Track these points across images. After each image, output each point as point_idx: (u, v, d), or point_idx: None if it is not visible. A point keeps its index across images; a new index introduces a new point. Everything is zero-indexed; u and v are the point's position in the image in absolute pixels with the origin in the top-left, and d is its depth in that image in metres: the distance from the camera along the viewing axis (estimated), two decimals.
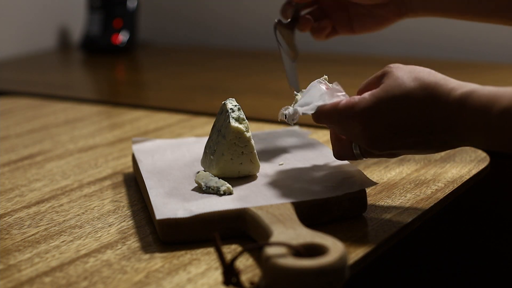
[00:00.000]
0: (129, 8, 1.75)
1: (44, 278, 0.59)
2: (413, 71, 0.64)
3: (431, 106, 0.62)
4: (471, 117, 0.60)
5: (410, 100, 0.62)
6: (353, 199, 0.67)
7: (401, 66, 0.65)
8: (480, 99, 0.60)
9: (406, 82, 0.63)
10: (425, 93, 0.62)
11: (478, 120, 0.60)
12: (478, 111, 0.60)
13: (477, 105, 0.60)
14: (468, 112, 0.60)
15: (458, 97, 0.61)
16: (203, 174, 0.71)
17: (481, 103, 0.60)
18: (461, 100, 0.61)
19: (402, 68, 0.64)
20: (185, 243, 0.64)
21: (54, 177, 0.84)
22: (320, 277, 0.52)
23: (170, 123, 1.07)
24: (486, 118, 0.59)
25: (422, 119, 0.62)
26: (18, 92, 1.36)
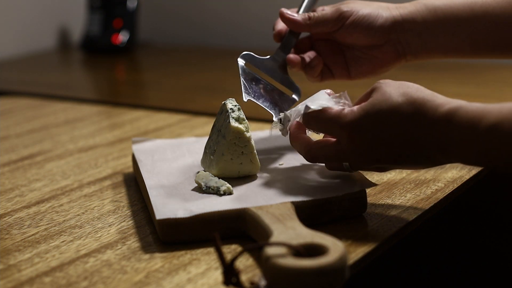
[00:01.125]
0: (129, 8, 1.75)
1: (44, 278, 0.59)
2: (401, 86, 0.63)
3: (417, 122, 0.62)
4: (458, 133, 0.60)
5: (396, 115, 0.62)
6: (353, 199, 0.67)
7: (390, 82, 0.65)
8: (467, 114, 0.60)
9: (393, 97, 0.63)
10: (411, 108, 0.62)
11: (465, 136, 0.60)
12: (465, 127, 0.59)
13: (464, 121, 0.59)
14: (455, 128, 0.60)
15: (445, 113, 0.61)
16: (203, 174, 0.71)
17: (468, 118, 0.59)
18: (448, 115, 0.60)
19: (391, 84, 0.64)
20: (185, 243, 0.64)
21: (54, 177, 0.84)
22: (320, 277, 0.52)
23: (170, 123, 1.07)
24: (473, 135, 0.59)
25: (408, 134, 0.62)
26: (18, 92, 1.35)
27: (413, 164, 0.65)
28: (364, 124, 0.63)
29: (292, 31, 0.83)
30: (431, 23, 0.79)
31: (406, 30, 0.79)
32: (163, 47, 1.84)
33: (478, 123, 0.59)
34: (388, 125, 0.63)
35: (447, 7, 0.79)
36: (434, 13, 0.79)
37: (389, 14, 0.79)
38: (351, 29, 0.79)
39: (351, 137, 0.64)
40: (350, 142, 0.64)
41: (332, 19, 0.79)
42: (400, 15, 0.79)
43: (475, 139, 0.59)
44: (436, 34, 0.79)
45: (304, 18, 0.80)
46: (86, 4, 1.80)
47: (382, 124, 0.63)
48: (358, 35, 0.79)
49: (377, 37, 0.79)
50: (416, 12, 0.79)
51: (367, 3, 0.80)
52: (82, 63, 1.76)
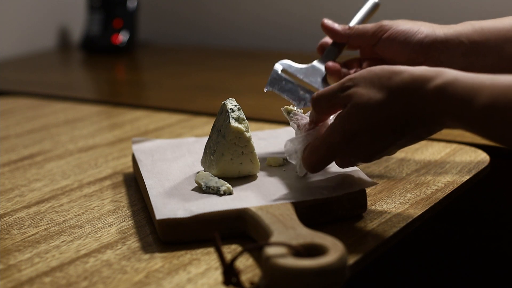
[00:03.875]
0: (129, 8, 1.75)
1: (44, 278, 0.59)
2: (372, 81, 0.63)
3: (407, 106, 0.61)
4: (452, 109, 0.59)
5: (381, 105, 0.62)
6: (353, 199, 0.67)
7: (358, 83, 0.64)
8: (458, 91, 0.58)
9: (372, 96, 0.62)
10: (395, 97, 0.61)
11: (459, 113, 0.58)
12: (458, 105, 0.58)
13: (457, 98, 0.58)
14: (447, 106, 0.59)
15: (435, 89, 0.59)
16: (203, 174, 0.71)
17: (460, 96, 0.58)
18: (439, 93, 0.59)
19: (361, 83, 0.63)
20: (185, 243, 0.64)
21: (54, 177, 0.84)
22: (320, 277, 0.52)
23: (170, 123, 1.07)
24: (467, 112, 0.58)
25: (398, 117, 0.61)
26: (18, 92, 1.35)
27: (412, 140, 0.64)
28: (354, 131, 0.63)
29: (334, 43, 0.84)
30: (477, 42, 0.77)
31: (449, 49, 0.78)
32: (163, 47, 1.84)
33: (471, 100, 0.57)
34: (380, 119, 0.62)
35: (494, 26, 0.78)
36: (480, 32, 0.77)
37: (431, 31, 0.78)
38: (388, 42, 0.79)
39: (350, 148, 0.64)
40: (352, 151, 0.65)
41: (371, 31, 0.80)
42: (443, 34, 0.78)
43: (470, 117, 0.58)
44: (483, 54, 0.77)
45: (344, 28, 0.82)
46: (86, 4, 1.80)
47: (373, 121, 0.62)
48: (396, 49, 0.79)
49: (415, 53, 0.78)
50: (462, 31, 0.78)
51: (412, 21, 0.80)
52: (82, 63, 1.76)
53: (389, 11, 1.17)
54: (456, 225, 1.04)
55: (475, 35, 0.78)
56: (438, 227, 1.05)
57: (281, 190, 0.68)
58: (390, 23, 0.80)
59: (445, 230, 1.05)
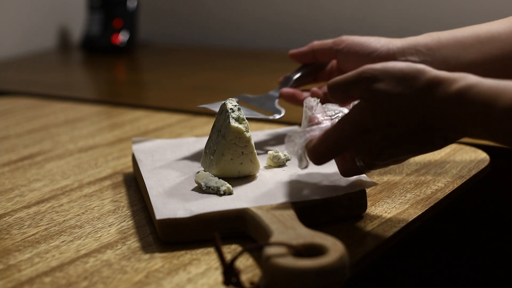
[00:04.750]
0: (129, 8, 1.75)
1: (44, 278, 0.59)
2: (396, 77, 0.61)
3: (427, 106, 0.59)
4: (473, 114, 0.57)
5: (402, 103, 0.60)
6: (353, 199, 0.67)
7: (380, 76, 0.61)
8: (480, 94, 0.57)
9: (395, 93, 0.60)
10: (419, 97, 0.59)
11: (481, 117, 0.57)
12: (480, 108, 0.57)
13: (479, 101, 0.57)
14: (468, 109, 0.57)
15: (456, 92, 0.58)
16: (203, 174, 0.71)
17: (482, 99, 0.57)
18: (460, 95, 0.58)
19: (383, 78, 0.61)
20: (185, 243, 0.64)
21: (54, 177, 0.84)
22: (320, 277, 0.52)
23: (170, 123, 1.07)
24: (489, 116, 0.57)
25: (416, 118, 0.60)
26: (18, 92, 1.35)
27: (428, 147, 0.63)
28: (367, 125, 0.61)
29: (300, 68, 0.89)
30: (433, 50, 0.79)
31: (406, 57, 0.79)
32: (163, 47, 1.84)
33: (494, 103, 0.56)
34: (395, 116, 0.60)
35: (452, 35, 0.80)
36: (437, 40, 0.79)
37: (388, 42, 0.81)
38: (345, 53, 0.83)
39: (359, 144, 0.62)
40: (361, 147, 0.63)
41: (330, 44, 0.85)
42: (400, 43, 0.81)
43: (491, 121, 0.57)
44: (440, 61, 0.78)
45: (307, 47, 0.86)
46: (86, 4, 1.80)
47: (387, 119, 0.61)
48: (352, 59, 0.82)
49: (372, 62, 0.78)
50: (419, 40, 0.80)
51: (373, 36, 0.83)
52: (82, 63, 1.76)
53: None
54: (456, 225, 1.04)
55: (432, 43, 0.80)
56: (438, 227, 1.05)
57: (281, 190, 0.68)
58: (347, 36, 0.84)
59: (445, 230, 1.05)
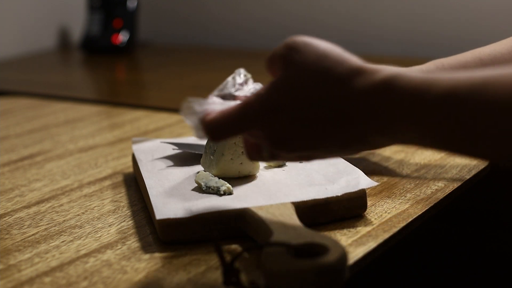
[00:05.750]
0: (129, 8, 1.75)
1: (44, 278, 0.59)
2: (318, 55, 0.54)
3: (345, 94, 0.52)
4: (400, 104, 0.50)
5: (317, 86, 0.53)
6: (353, 199, 0.67)
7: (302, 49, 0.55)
8: (410, 83, 0.50)
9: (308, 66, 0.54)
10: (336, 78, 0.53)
11: (409, 107, 0.50)
12: (409, 98, 0.50)
13: (407, 90, 0.50)
14: (394, 99, 0.51)
15: (381, 81, 0.51)
16: (203, 174, 0.71)
17: (412, 87, 0.50)
18: (385, 84, 0.51)
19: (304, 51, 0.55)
20: (185, 243, 0.64)
21: (54, 177, 0.84)
22: (320, 276, 0.52)
23: (170, 123, 1.07)
24: (420, 105, 0.50)
25: (334, 110, 0.53)
26: (18, 92, 1.35)
27: (342, 148, 0.55)
28: (276, 104, 0.54)
29: None
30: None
31: None
32: (163, 47, 1.84)
33: (426, 93, 0.49)
34: (307, 101, 0.53)
35: (455, 60, 0.75)
36: (441, 67, 0.75)
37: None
38: None
39: (265, 125, 0.55)
40: (266, 128, 0.55)
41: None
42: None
43: (422, 111, 0.49)
44: None
45: None
46: (86, 4, 1.80)
47: (300, 100, 0.54)
48: None
49: None
50: (423, 68, 0.75)
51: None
52: (82, 63, 1.76)
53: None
54: (456, 225, 1.04)
55: (436, 71, 0.74)
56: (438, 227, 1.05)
57: (281, 190, 0.68)
58: None
59: (445, 230, 1.05)
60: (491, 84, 0.47)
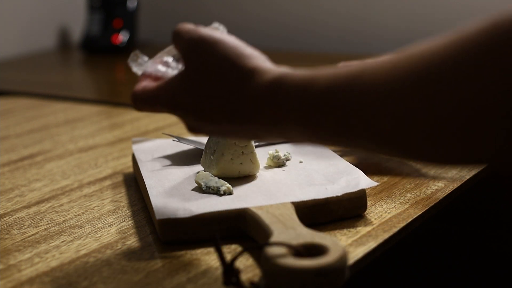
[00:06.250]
0: (129, 8, 1.75)
1: (44, 278, 0.59)
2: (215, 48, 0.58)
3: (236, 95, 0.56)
4: (286, 103, 0.52)
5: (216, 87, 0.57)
6: (353, 199, 0.67)
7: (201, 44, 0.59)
8: (295, 82, 0.52)
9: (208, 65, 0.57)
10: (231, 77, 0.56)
11: (295, 105, 0.52)
12: (294, 95, 0.52)
13: (293, 88, 0.52)
14: (282, 99, 0.53)
15: (270, 83, 0.54)
16: (203, 174, 0.71)
17: (296, 85, 0.52)
18: (274, 85, 0.53)
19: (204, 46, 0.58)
20: (185, 243, 0.64)
21: (54, 177, 0.84)
22: (320, 277, 0.52)
23: (170, 123, 1.07)
24: (303, 101, 0.51)
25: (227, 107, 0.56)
26: (18, 92, 1.35)
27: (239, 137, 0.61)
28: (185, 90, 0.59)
29: None
30: None
31: None
32: (163, 47, 1.83)
33: (309, 88, 0.51)
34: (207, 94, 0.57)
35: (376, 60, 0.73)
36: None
37: None
38: None
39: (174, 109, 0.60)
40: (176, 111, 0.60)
41: None
42: None
43: (306, 107, 0.51)
44: None
45: None
46: (86, 4, 1.80)
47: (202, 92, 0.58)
48: None
49: None
50: None
51: None
52: (82, 63, 1.76)
53: None
54: (456, 225, 1.04)
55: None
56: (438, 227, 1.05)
57: (281, 190, 0.68)
58: None
59: (445, 230, 1.05)
60: (366, 74, 0.48)
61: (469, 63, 0.44)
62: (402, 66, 0.47)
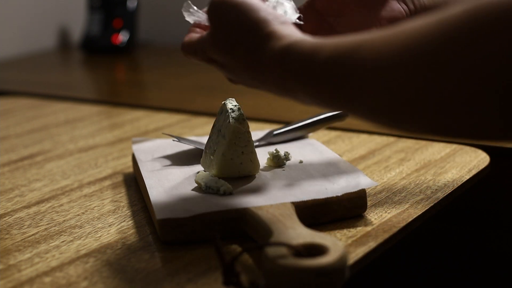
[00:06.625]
0: (129, 8, 1.75)
1: (44, 278, 0.59)
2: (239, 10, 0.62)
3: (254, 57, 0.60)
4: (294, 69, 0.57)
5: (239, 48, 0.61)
6: (353, 199, 0.67)
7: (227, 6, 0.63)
8: (302, 50, 0.57)
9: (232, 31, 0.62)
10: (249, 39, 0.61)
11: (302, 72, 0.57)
12: (301, 62, 0.56)
13: (300, 56, 0.57)
14: (290, 64, 0.57)
15: (280, 50, 0.58)
16: (203, 174, 0.70)
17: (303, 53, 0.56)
18: (283, 52, 0.58)
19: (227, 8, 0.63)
20: (185, 243, 0.64)
21: (54, 177, 0.84)
22: (320, 277, 0.52)
23: (170, 123, 1.07)
24: (309, 69, 0.56)
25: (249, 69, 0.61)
26: (18, 92, 1.36)
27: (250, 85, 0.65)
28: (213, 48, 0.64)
29: None
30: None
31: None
32: (163, 47, 1.84)
33: (315, 56, 0.55)
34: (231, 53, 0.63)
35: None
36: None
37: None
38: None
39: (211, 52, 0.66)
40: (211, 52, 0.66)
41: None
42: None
43: (312, 74, 0.56)
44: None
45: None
46: (86, 4, 1.80)
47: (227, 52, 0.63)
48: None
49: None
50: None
51: None
52: (82, 63, 1.76)
53: None
54: (456, 225, 1.04)
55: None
56: (438, 227, 1.05)
57: (281, 190, 0.68)
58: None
59: (445, 230, 1.05)
60: (364, 48, 0.52)
61: (461, 40, 0.46)
62: (396, 41, 0.50)
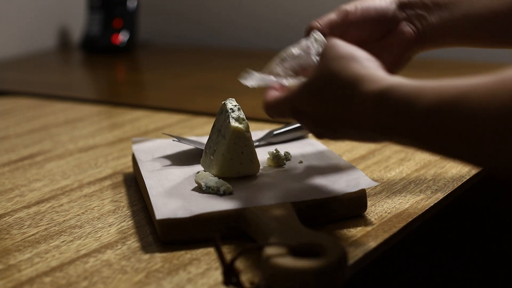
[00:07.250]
0: (129, 8, 1.75)
1: (44, 278, 0.59)
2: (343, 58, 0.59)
3: (347, 101, 0.57)
4: (391, 115, 0.54)
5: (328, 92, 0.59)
6: (353, 199, 0.67)
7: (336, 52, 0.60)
8: (400, 95, 0.54)
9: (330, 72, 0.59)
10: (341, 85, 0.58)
11: (399, 119, 0.54)
12: (398, 109, 0.54)
13: (397, 102, 0.54)
14: (386, 110, 0.55)
15: (376, 93, 0.55)
16: (203, 174, 0.71)
17: (401, 99, 0.53)
18: (379, 95, 0.55)
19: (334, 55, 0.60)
20: (185, 243, 0.64)
21: (54, 177, 0.84)
22: (320, 277, 0.52)
23: (170, 123, 1.07)
24: (407, 117, 0.53)
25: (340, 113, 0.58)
26: (18, 92, 1.35)
27: (357, 140, 0.63)
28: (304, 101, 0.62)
29: None
30: (440, 4, 0.74)
31: (414, 8, 0.74)
32: (163, 47, 1.84)
33: (414, 104, 0.52)
34: (323, 102, 0.60)
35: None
36: None
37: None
38: (361, 22, 0.75)
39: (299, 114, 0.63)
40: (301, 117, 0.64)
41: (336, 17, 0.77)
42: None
43: (412, 122, 0.53)
44: (446, 13, 0.74)
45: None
46: (86, 4, 1.80)
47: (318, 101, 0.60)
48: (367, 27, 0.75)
49: (388, 21, 0.74)
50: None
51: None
52: (82, 63, 1.76)
53: None
54: (456, 225, 1.04)
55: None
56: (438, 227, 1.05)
57: (281, 190, 0.68)
58: (353, 4, 0.76)
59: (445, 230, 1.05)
60: (471, 97, 0.49)
61: None
62: (502, 93, 0.48)
